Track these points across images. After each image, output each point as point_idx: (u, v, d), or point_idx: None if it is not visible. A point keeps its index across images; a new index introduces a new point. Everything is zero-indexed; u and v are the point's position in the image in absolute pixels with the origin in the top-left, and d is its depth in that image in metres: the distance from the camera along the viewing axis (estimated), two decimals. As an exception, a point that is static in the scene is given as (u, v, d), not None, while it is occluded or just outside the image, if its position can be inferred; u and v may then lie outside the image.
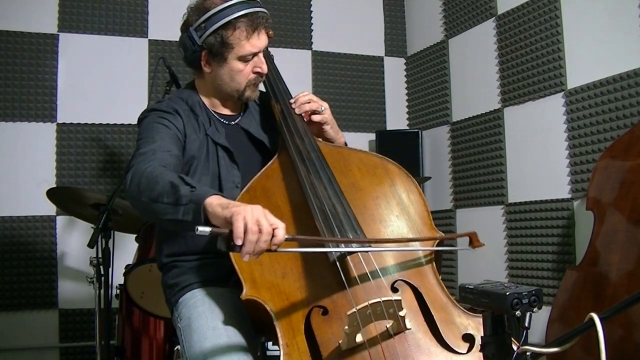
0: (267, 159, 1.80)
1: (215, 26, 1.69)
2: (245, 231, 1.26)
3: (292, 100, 1.88)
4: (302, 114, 1.85)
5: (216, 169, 1.76)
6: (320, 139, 1.85)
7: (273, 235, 1.30)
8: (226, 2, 1.70)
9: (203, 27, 1.70)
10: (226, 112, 1.87)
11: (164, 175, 1.47)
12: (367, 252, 1.52)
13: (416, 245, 1.63)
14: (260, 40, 1.74)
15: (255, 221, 1.27)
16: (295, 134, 1.77)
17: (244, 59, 1.74)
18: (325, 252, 1.51)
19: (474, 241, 1.60)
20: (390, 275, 1.53)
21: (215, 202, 1.34)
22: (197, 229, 1.24)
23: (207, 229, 1.25)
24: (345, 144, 1.95)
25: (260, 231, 1.27)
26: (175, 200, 1.39)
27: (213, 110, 1.85)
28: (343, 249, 1.50)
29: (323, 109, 1.87)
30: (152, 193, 1.44)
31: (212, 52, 1.73)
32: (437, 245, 1.65)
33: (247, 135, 1.87)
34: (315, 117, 1.86)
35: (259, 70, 1.78)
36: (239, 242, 1.26)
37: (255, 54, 1.75)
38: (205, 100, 1.85)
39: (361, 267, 1.49)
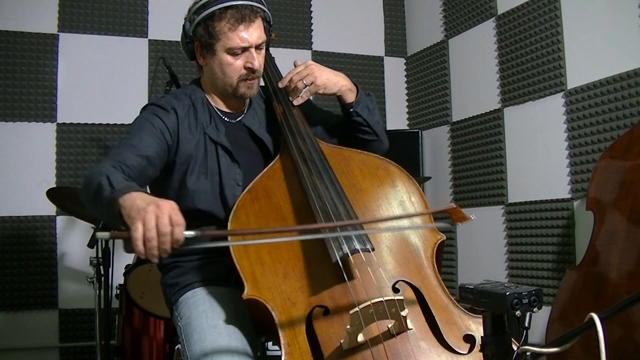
0: (270, 156, 1.80)
1: (201, 16, 1.70)
2: (145, 240, 1.22)
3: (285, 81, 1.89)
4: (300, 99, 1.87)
5: (216, 168, 1.74)
6: (323, 142, 1.85)
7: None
8: None
9: (193, 19, 1.72)
10: (229, 109, 1.86)
11: (97, 175, 1.43)
12: (352, 233, 1.52)
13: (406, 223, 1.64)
14: (249, 34, 1.70)
15: (153, 226, 1.22)
16: (297, 135, 1.76)
17: (232, 51, 1.71)
18: (328, 251, 1.51)
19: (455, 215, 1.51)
20: (392, 275, 1.54)
21: (126, 204, 1.30)
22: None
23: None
24: (356, 87, 1.89)
25: (158, 235, 1.22)
26: (102, 202, 1.37)
27: (216, 107, 1.84)
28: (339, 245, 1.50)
29: (311, 82, 1.84)
30: (89, 195, 1.44)
31: (202, 44, 1.74)
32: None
33: (249, 132, 1.85)
34: (305, 95, 1.87)
35: (249, 65, 1.73)
36: (141, 255, 1.24)
37: (245, 49, 1.72)
38: (208, 97, 1.84)
39: (363, 267, 1.50)
